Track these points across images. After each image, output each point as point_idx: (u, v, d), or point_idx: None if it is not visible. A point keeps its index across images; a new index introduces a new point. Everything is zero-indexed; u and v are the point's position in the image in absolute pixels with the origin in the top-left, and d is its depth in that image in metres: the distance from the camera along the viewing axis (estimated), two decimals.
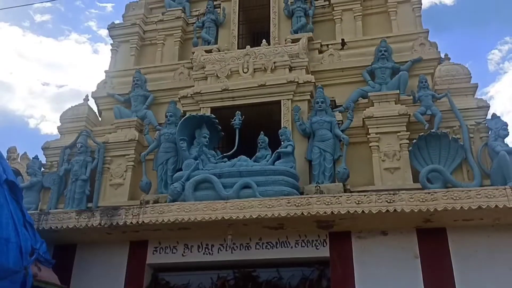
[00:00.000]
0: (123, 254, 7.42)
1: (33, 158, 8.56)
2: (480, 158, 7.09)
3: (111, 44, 10.10)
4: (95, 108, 9.47)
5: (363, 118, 7.70)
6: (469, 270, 6.28)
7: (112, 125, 8.77)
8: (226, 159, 7.63)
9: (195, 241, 7.25)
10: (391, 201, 6.21)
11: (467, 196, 5.99)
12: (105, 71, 9.73)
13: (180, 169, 7.54)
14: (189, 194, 6.97)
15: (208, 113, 8.13)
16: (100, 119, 9.45)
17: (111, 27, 10.14)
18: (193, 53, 9.16)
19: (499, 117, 7.12)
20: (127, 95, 9.13)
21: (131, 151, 8.32)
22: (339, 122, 7.75)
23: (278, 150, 7.38)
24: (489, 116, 7.34)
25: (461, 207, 5.96)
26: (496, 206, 5.85)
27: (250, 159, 7.47)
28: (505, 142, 6.97)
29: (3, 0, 25.25)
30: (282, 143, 7.47)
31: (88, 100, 9.35)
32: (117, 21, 10.27)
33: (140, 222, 6.73)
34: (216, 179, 7.01)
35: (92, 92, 9.45)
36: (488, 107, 7.39)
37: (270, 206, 6.49)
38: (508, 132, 6.95)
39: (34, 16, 31.89)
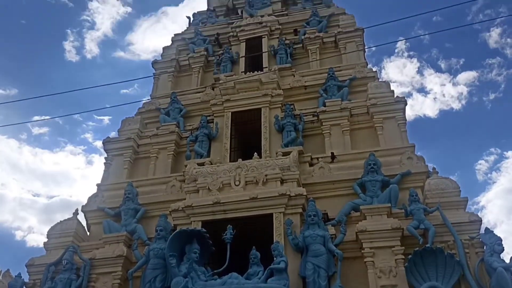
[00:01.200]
0: None
1: (15, 276, 8.20)
2: (477, 274, 6.92)
3: (105, 158, 10.29)
4: (84, 222, 9.32)
5: (356, 232, 7.63)
6: None
7: (100, 240, 8.57)
8: (216, 276, 7.37)
9: None
10: None
11: None
12: (97, 185, 9.76)
13: (169, 287, 7.22)
14: None
15: (199, 227, 8.01)
16: (88, 233, 9.26)
17: (106, 141, 10.40)
18: (186, 166, 9.29)
19: (492, 231, 7.10)
20: (118, 209, 9.06)
21: (118, 268, 8.03)
22: (332, 236, 7.66)
23: (270, 267, 7.17)
24: (482, 230, 7.31)
25: None
26: None
27: (242, 275, 7.22)
28: (501, 258, 6.85)
29: (3, 114, 26.11)
30: (274, 258, 7.29)
31: (78, 214, 9.25)
32: (112, 133, 10.60)
33: None
34: None
35: (82, 206, 9.39)
36: (480, 221, 7.39)
37: None
38: (503, 247, 6.88)
39: (32, 129, 32.81)
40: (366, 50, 11.56)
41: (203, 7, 14.50)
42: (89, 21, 34.66)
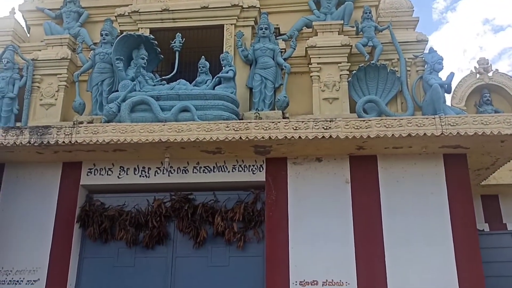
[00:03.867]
0: (55, 174, 7.20)
1: None
2: (414, 90, 7.33)
3: None
4: (22, 23, 8.74)
5: (306, 48, 7.67)
6: (394, 195, 6.66)
7: (42, 42, 8.17)
8: (164, 82, 7.41)
9: (131, 163, 7.14)
10: (328, 127, 6.33)
11: (399, 124, 6.21)
12: None
13: (116, 91, 7.23)
14: (125, 115, 6.75)
15: (146, 34, 7.74)
16: (28, 35, 8.77)
17: None
18: None
19: (435, 51, 7.29)
20: (59, 11, 8.48)
21: (63, 70, 7.85)
22: (282, 50, 7.67)
23: (218, 75, 7.25)
24: (426, 50, 7.52)
25: (393, 134, 6.18)
26: (425, 134, 6.11)
27: (190, 83, 7.30)
28: (439, 76, 7.21)
29: None
30: (223, 68, 7.33)
31: (15, 13, 8.59)
32: None
33: (73, 142, 6.47)
34: (153, 101, 6.81)
35: (20, 5, 8.66)
36: (426, 41, 7.55)
37: (209, 130, 6.43)
38: (443, 66, 7.17)
39: None
40: None
41: None
42: None
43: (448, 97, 7.66)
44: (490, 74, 8.37)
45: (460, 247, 6.36)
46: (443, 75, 7.32)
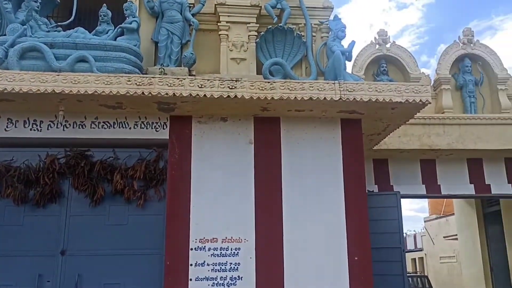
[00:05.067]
0: None
1: None
2: (318, 56, 7.55)
3: None
4: None
5: (215, 4, 7.53)
6: (295, 156, 6.87)
7: None
8: (60, 29, 6.84)
9: (21, 115, 6.56)
10: (233, 87, 6.30)
11: (302, 87, 6.36)
12: None
13: (4, 35, 6.53)
14: (13, 62, 6.13)
15: None
16: None
17: None
18: None
19: (340, 19, 7.53)
20: None
21: None
22: (190, 5, 7.45)
23: (121, 25, 6.85)
24: (332, 18, 7.74)
25: (295, 97, 6.32)
26: (325, 98, 6.33)
27: (90, 33, 6.82)
28: (342, 44, 7.48)
29: None
30: (126, 18, 6.93)
31: None
32: None
33: None
34: (47, 49, 6.26)
35: None
36: (332, 8, 7.75)
37: (109, 83, 6.07)
38: (345, 34, 7.44)
39: None
40: None
41: None
42: None
43: (349, 65, 8.03)
44: (388, 45, 8.88)
45: (350, 205, 6.78)
46: (346, 43, 7.62)
